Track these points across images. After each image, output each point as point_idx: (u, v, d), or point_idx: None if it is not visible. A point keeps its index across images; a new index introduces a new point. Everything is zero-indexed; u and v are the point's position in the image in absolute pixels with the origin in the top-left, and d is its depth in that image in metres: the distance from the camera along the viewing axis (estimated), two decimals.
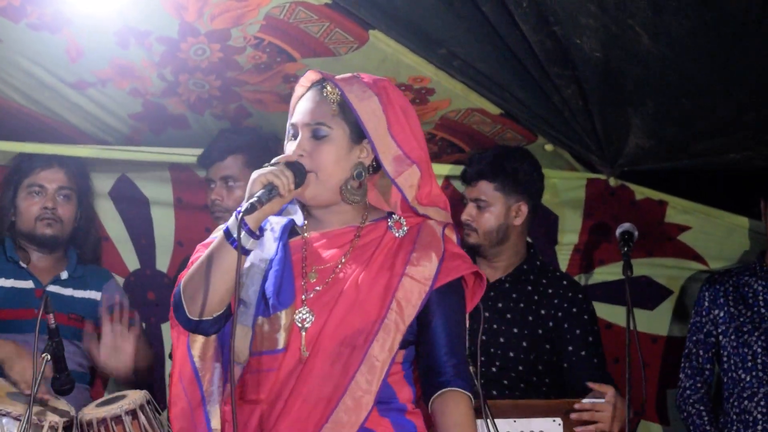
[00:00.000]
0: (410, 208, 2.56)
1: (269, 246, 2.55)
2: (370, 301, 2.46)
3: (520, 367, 3.73)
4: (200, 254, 2.53)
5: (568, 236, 4.33)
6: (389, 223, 2.56)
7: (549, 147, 4.17)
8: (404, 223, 2.56)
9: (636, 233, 3.87)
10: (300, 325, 2.47)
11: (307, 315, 2.48)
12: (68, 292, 3.98)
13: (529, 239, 3.93)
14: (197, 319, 2.49)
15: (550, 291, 3.80)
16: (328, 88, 2.54)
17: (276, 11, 3.54)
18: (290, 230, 2.58)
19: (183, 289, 2.51)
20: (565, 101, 3.78)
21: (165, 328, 4.24)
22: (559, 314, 3.76)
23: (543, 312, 3.77)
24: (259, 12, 3.53)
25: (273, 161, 2.51)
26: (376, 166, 2.57)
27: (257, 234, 2.46)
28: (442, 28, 3.58)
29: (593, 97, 3.71)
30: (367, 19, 3.59)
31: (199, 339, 2.57)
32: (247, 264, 2.53)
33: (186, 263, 4.00)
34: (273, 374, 2.46)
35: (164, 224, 4.36)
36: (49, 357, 3.25)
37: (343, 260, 2.52)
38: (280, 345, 2.46)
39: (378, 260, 2.50)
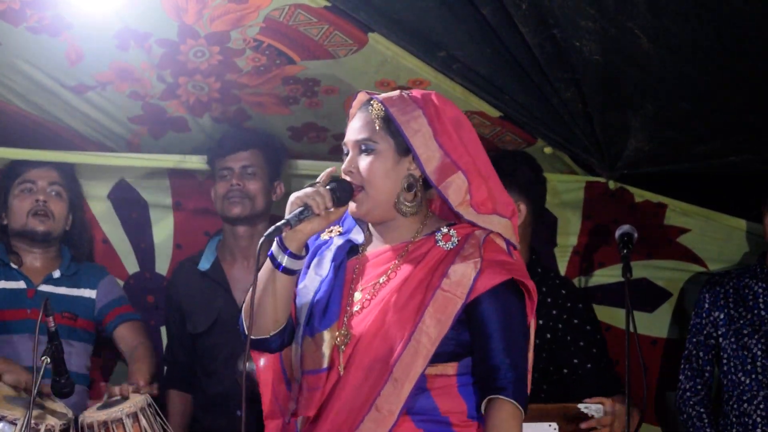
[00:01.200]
0: (456, 215, 2.56)
1: (326, 267, 2.61)
2: (403, 317, 2.49)
3: None
4: None
5: (568, 238, 4.33)
6: (437, 237, 2.57)
7: (548, 150, 4.17)
8: (454, 234, 2.56)
9: (635, 235, 3.86)
10: (339, 344, 2.52)
11: (347, 333, 2.53)
12: (61, 290, 3.98)
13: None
14: (254, 337, 2.56)
15: (549, 300, 3.79)
16: (374, 105, 2.59)
17: (275, 14, 3.54)
18: (351, 249, 2.64)
19: (243, 311, 2.60)
20: (565, 104, 3.78)
21: (164, 331, 4.24)
22: (560, 326, 3.75)
23: (541, 322, 3.76)
24: (258, 14, 3.53)
25: (317, 180, 2.57)
26: None
27: (299, 255, 2.53)
28: (441, 31, 3.59)
29: (592, 99, 3.72)
30: (367, 22, 3.59)
31: (287, 358, 2.65)
32: (301, 285, 2.62)
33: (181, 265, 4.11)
34: (319, 393, 2.52)
35: (163, 227, 4.36)
36: (48, 360, 3.26)
37: (382, 279, 2.56)
38: (324, 365, 2.53)
39: (419, 275, 2.52)
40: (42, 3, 3.50)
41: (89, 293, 4.02)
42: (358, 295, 2.56)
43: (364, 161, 2.57)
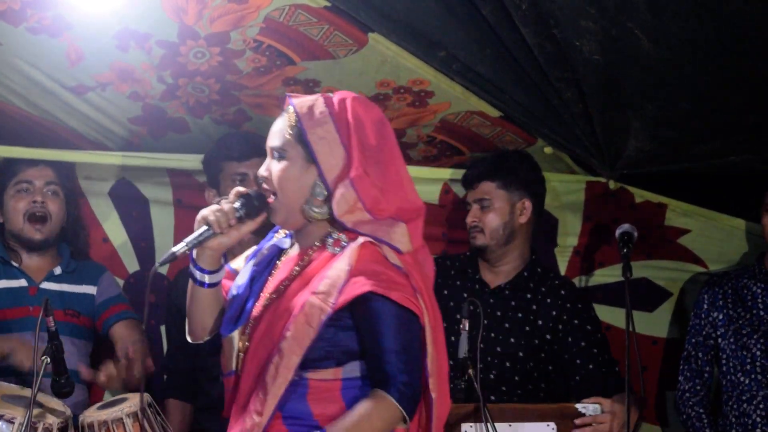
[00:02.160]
0: (339, 223, 2.56)
1: (249, 271, 2.68)
2: (278, 325, 2.52)
3: (516, 377, 3.74)
4: None
5: (568, 239, 4.33)
6: (328, 242, 2.58)
7: (548, 150, 4.17)
8: (344, 239, 2.57)
9: (635, 234, 3.87)
10: (240, 349, 2.59)
11: (247, 339, 2.58)
12: (63, 287, 3.98)
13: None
14: (192, 342, 2.70)
15: (548, 300, 3.80)
16: (289, 111, 2.61)
17: (276, 14, 3.54)
18: (281, 252, 2.69)
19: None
20: (565, 104, 3.78)
21: (164, 330, 4.24)
22: (560, 326, 3.75)
23: (540, 323, 3.77)
24: (258, 14, 3.54)
25: (231, 194, 2.61)
26: None
27: (216, 269, 2.60)
28: (441, 31, 3.59)
29: (593, 100, 3.72)
30: (367, 22, 3.59)
31: None
32: (233, 286, 2.68)
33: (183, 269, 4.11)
34: (229, 395, 2.61)
35: (164, 226, 4.35)
36: (48, 360, 3.26)
37: (282, 285, 2.59)
38: (232, 367, 2.60)
39: (303, 282, 2.55)
40: (42, 3, 3.50)
41: (91, 289, 4.03)
42: (265, 300, 2.60)
43: (275, 167, 2.60)
